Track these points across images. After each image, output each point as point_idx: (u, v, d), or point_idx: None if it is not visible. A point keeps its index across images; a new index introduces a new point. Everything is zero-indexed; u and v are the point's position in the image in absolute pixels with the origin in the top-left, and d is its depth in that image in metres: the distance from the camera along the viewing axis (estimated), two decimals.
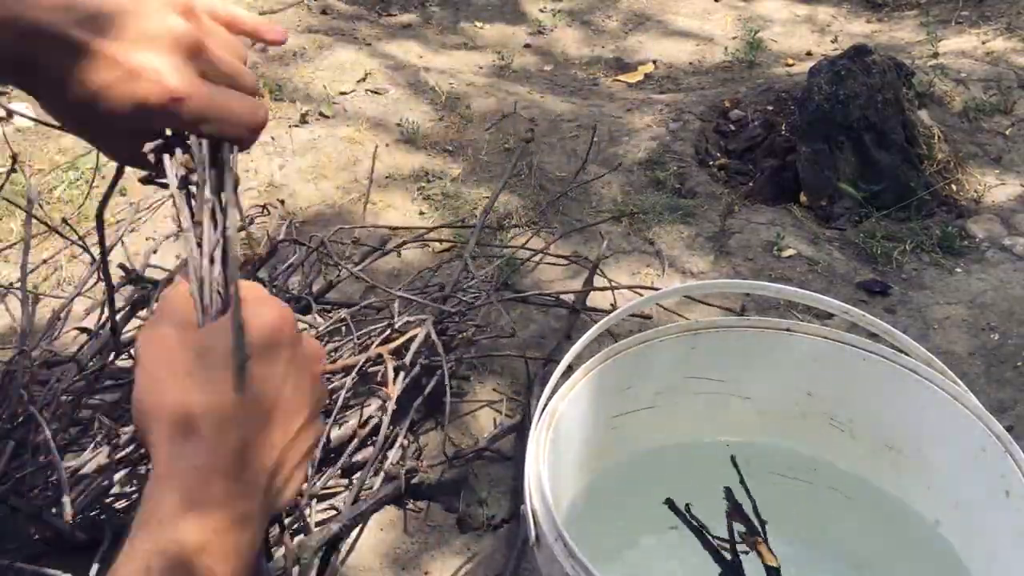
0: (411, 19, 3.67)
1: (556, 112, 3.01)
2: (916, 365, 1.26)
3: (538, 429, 1.14)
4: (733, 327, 1.38)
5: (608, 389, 1.31)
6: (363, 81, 3.12)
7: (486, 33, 3.63)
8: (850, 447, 1.39)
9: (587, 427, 1.31)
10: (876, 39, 3.56)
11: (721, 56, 3.51)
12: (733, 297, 2.19)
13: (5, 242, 2.30)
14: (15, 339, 1.79)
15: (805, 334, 1.35)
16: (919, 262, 2.40)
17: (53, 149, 2.71)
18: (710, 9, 3.86)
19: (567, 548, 1.00)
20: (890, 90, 2.55)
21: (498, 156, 2.77)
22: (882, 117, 2.54)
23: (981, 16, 3.57)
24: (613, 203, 2.59)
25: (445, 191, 2.60)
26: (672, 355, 1.36)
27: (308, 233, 2.31)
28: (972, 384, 1.93)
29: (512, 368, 1.99)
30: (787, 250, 2.39)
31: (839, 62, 2.57)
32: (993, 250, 2.44)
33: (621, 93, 3.26)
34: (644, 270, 2.34)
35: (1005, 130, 2.87)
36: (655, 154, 2.80)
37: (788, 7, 3.88)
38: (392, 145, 2.82)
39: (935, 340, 2.12)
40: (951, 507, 1.26)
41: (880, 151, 2.55)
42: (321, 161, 2.72)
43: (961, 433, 1.20)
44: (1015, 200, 2.61)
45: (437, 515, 1.71)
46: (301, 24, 3.49)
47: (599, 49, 3.58)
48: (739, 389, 1.42)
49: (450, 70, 3.28)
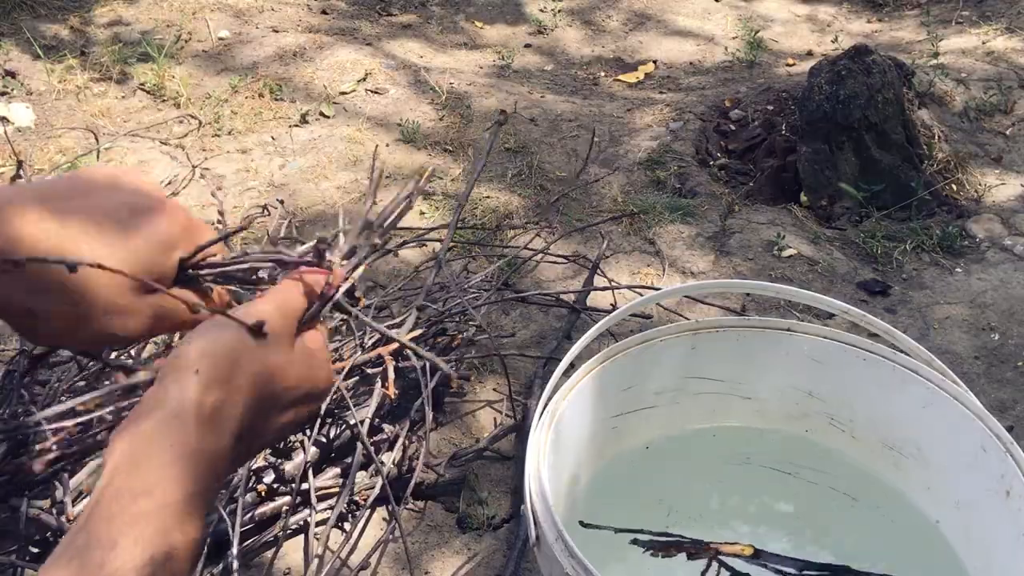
0: (412, 19, 3.67)
1: (556, 112, 3.01)
2: (916, 365, 1.26)
3: (538, 429, 1.14)
4: (733, 327, 1.38)
5: (608, 389, 1.31)
6: (363, 81, 3.12)
7: (487, 33, 3.63)
8: (851, 447, 1.39)
9: (587, 427, 1.31)
10: (876, 39, 3.56)
11: (721, 56, 3.51)
12: (733, 297, 2.19)
13: None
14: (15, 339, 1.79)
15: (805, 334, 1.35)
16: (919, 262, 2.40)
17: (53, 149, 2.71)
18: (710, 9, 3.86)
19: (567, 548, 1.00)
20: (890, 90, 2.55)
21: (498, 156, 2.77)
22: (882, 117, 2.54)
23: (981, 16, 3.57)
24: (613, 203, 2.59)
25: (446, 191, 2.60)
26: (672, 355, 1.36)
27: (308, 233, 2.31)
28: (972, 384, 1.93)
29: (512, 368, 1.99)
30: (787, 250, 2.39)
31: (839, 62, 2.57)
32: (993, 250, 2.44)
33: (621, 93, 3.26)
34: (644, 270, 2.34)
35: (1005, 130, 2.87)
36: (655, 154, 2.80)
37: (788, 7, 3.88)
38: (392, 145, 2.82)
39: (935, 340, 2.12)
40: (951, 507, 1.26)
41: (880, 151, 2.55)
42: (321, 161, 2.73)
43: (961, 433, 1.20)
44: (1015, 200, 2.61)
45: (437, 515, 1.71)
46: (301, 24, 3.49)
47: (600, 49, 3.58)
48: (739, 389, 1.42)
49: (450, 70, 3.28)
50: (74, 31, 3.33)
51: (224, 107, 2.94)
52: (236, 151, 2.77)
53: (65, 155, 2.67)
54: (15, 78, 3.01)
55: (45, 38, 3.25)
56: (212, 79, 3.11)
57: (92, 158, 2.52)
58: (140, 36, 3.29)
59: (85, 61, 3.15)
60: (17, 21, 3.31)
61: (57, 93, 2.97)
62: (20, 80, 3.01)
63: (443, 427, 1.86)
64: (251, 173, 2.67)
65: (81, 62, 3.13)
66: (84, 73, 3.06)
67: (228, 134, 2.84)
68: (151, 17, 3.44)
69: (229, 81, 3.07)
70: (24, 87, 2.99)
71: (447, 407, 1.90)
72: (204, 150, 2.77)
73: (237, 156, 2.75)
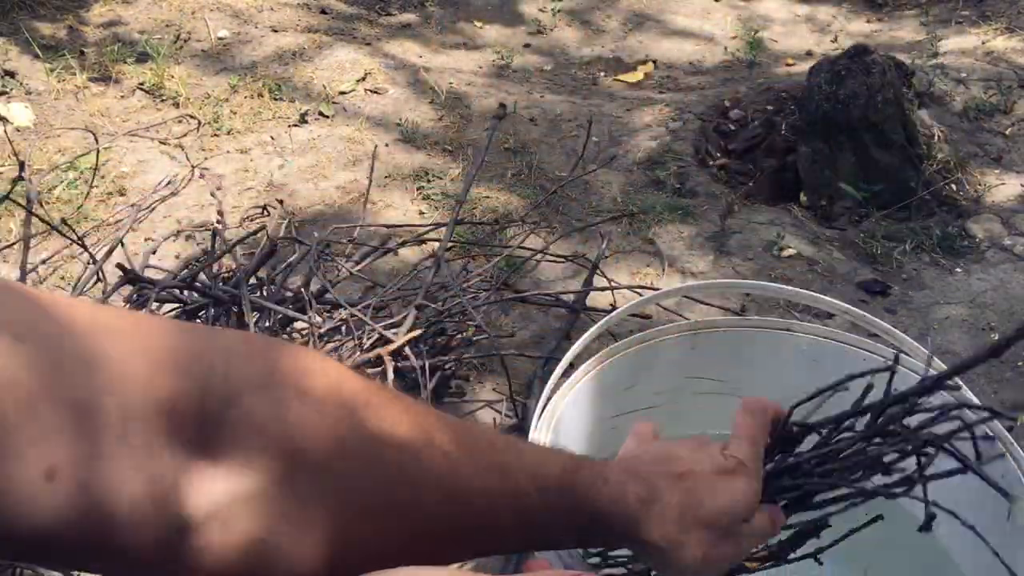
0: (411, 19, 3.67)
1: (556, 112, 3.01)
2: (916, 365, 1.26)
3: (538, 429, 1.14)
4: (733, 327, 1.37)
5: (608, 389, 1.30)
6: (363, 81, 3.12)
7: (486, 33, 3.63)
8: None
9: (587, 427, 1.30)
10: (876, 39, 3.56)
11: (721, 56, 3.51)
12: (733, 297, 2.19)
13: (5, 242, 2.30)
14: None
15: (805, 334, 1.35)
16: (919, 262, 2.39)
17: (52, 149, 2.71)
18: (710, 9, 3.85)
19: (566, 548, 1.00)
20: (890, 90, 2.55)
21: (498, 156, 2.77)
22: (882, 117, 2.53)
23: (981, 16, 3.57)
24: (613, 203, 2.59)
25: (445, 191, 2.60)
26: (672, 355, 1.35)
27: (308, 233, 2.31)
28: (972, 384, 1.93)
29: (512, 368, 1.99)
30: (787, 250, 2.39)
31: (839, 62, 2.57)
32: (993, 250, 2.44)
33: (621, 93, 3.26)
34: (644, 270, 2.34)
35: (1005, 130, 2.87)
36: (655, 154, 2.80)
37: (788, 7, 3.88)
38: (392, 145, 2.81)
39: (935, 340, 2.12)
40: (951, 507, 1.26)
41: (880, 151, 2.55)
42: (321, 161, 2.72)
43: (961, 433, 1.20)
44: (1015, 200, 2.61)
45: None
46: (301, 24, 3.49)
47: (599, 49, 3.57)
48: (739, 389, 1.42)
49: (450, 70, 3.28)
50: (73, 31, 3.33)
51: (223, 107, 2.94)
52: (235, 151, 2.76)
53: (64, 155, 2.67)
54: (14, 78, 3.01)
55: (44, 38, 3.25)
56: (211, 79, 3.11)
57: (91, 158, 2.52)
58: (139, 36, 3.29)
59: (84, 61, 3.15)
60: (16, 21, 3.30)
61: (56, 93, 2.97)
62: (19, 80, 3.01)
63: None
64: (250, 173, 2.67)
65: (80, 62, 3.13)
66: (83, 73, 3.05)
67: (227, 134, 2.84)
68: (150, 17, 3.44)
69: (228, 81, 3.07)
70: (23, 87, 2.98)
71: (447, 407, 1.90)
72: (203, 150, 2.77)
73: (236, 156, 2.75)
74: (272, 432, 0.48)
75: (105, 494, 0.43)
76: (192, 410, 0.46)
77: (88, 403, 0.42)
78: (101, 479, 0.43)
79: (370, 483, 0.52)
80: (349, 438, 0.52)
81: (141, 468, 0.44)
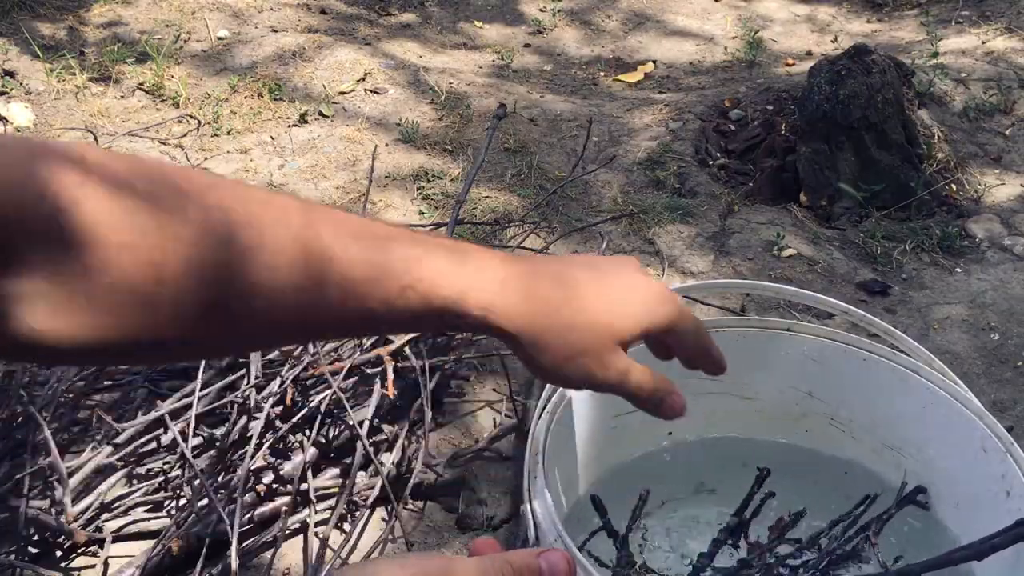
0: (410, 19, 3.67)
1: (556, 112, 3.01)
2: (916, 365, 1.26)
3: (538, 429, 1.14)
4: (733, 327, 1.38)
5: None
6: (362, 81, 3.12)
7: (486, 33, 3.63)
8: (851, 447, 1.39)
9: (587, 427, 1.31)
10: (876, 39, 3.56)
11: (721, 56, 3.51)
12: (733, 297, 2.19)
13: None
14: None
15: (805, 334, 1.35)
16: (919, 262, 2.40)
17: None
18: (710, 9, 3.86)
19: (567, 548, 1.00)
20: (890, 90, 2.55)
21: (498, 156, 2.77)
22: (882, 117, 2.54)
23: (981, 16, 3.57)
24: (613, 203, 2.59)
25: (445, 191, 2.60)
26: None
27: None
28: (972, 384, 1.93)
29: (512, 368, 1.99)
30: (787, 250, 2.39)
31: (839, 62, 2.57)
32: (993, 250, 2.44)
33: (621, 93, 3.26)
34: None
35: (1005, 130, 2.87)
36: (655, 154, 2.80)
37: (788, 7, 3.88)
38: (392, 145, 2.82)
39: (935, 340, 2.12)
40: (951, 507, 1.26)
41: (880, 151, 2.55)
42: (320, 161, 2.72)
43: (961, 433, 1.20)
44: (1015, 200, 2.61)
45: (437, 515, 1.71)
46: (300, 24, 3.49)
47: (599, 49, 3.58)
48: (739, 389, 1.42)
49: (450, 70, 3.28)
50: (73, 31, 3.33)
51: (223, 107, 2.94)
52: (235, 151, 2.77)
53: None
54: (14, 78, 3.01)
55: (44, 38, 3.25)
56: (211, 79, 3.11)
57: None
58: (139, 36, 3.29)
59: (84, 61, 3.15)
60: (16, 21, 3.30)
61: (56, 93, 2.97)
62: (19, 80, 3.01)
63: (443, 427, 1.86)
64: (250, 173, 2.67)
65: (80, 62, 3.13)
66: (83, 73, 3.05)
67: (227, 134, 2.84)
68: (150, 17, 3.44)
69: (228, 81, 3.07)
70: (23, 87, 2.98)
71: (447, 407, 1.90)
72: (203, 150, 2.77)
73: (236, 156, 2.75)
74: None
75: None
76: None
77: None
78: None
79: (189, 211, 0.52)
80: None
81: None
